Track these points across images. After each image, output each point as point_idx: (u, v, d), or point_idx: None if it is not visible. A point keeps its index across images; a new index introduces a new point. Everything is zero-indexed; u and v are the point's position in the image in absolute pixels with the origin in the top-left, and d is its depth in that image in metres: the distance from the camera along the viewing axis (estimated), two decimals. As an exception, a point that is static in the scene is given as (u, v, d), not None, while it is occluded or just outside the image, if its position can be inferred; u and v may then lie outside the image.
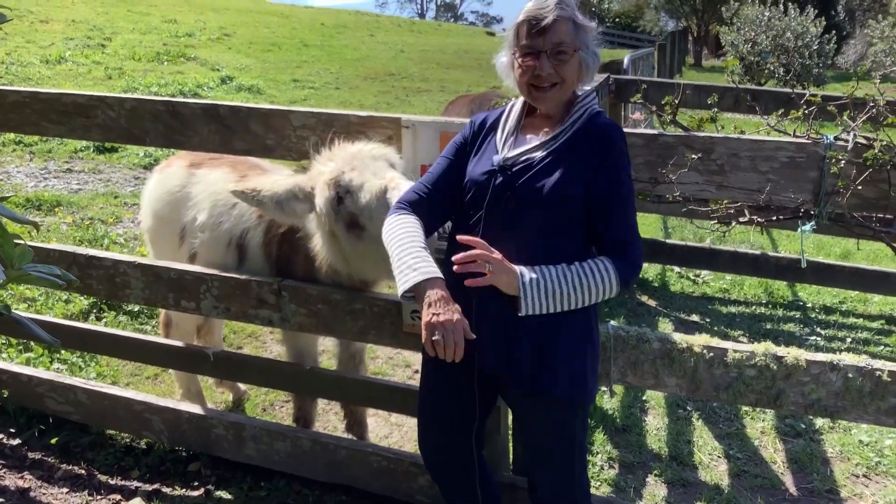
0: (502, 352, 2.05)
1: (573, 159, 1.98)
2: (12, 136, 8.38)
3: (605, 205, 1.99)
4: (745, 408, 3.94)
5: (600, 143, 2.00)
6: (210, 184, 3.22)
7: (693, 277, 6.13)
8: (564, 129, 2.03)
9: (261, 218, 3.02)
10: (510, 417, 2.51)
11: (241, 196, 2.65)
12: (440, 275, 1.96)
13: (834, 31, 20.74)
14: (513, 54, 2.06)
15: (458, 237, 1.99)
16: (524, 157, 2.03)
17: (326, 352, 4.32)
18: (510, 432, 2.85)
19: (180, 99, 2.95)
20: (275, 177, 2.77)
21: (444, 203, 2.16)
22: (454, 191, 2.14)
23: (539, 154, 2.01)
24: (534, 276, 1.93)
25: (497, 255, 1.93)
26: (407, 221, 2.08)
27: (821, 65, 19.07)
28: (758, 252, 5.59)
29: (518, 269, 1.94)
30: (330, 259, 2.70)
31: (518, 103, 2.17)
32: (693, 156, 2.33)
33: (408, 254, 1.98)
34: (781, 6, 19.33)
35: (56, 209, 6.63)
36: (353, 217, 2.47)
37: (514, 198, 2.00)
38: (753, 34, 19.25)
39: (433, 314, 1.88)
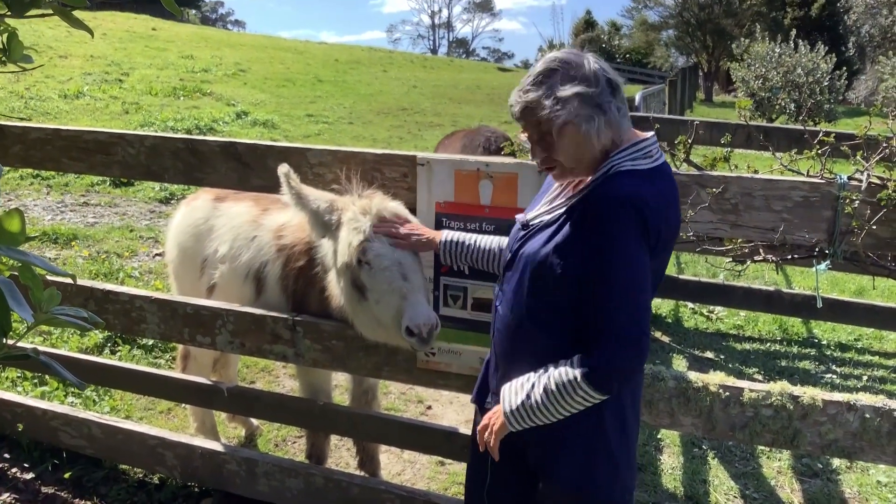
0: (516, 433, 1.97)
1: (566, 229, 1.81)
2: (30, 169, 8.50)
3: (588, 297, 1.77)
4: (761, 447, 3.90)
5: (586, 223, 1.78)
6: (232, 217, 3.26)
7: (707, 313, 6.10)
8: (579, 191, 1.87)
9: (279, 252, 3.05)
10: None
11: (288, 183, 2.57)
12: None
13: (844, 67, 20.83)
14: None
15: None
16: (538, 219, 1.93)
17: (339, 387, 4.32)
18: None
19: (199, 137, 2.99)
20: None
21: None
22: None
23: (549, 217, 1.90)
24: (512, 407, 1.88)
25: (488, 421, 1.98)
26: None
27: (832, 100, 19.13)
28: (772, 288, 5.57)
29: (502, 407, 1.92)
30: (338, 296, 2.73)
31: None
32: (708, 192, 2.34)
33: None
34: (792, 42, 19.46)
35: (72, 242, 6.69)
36: (363, 285, 2.48)
37: (519, 259, 1.92)
38: (764, 70, 19.38)
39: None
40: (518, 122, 1.87)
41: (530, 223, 1.96)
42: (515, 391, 1.88)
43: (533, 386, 1.84)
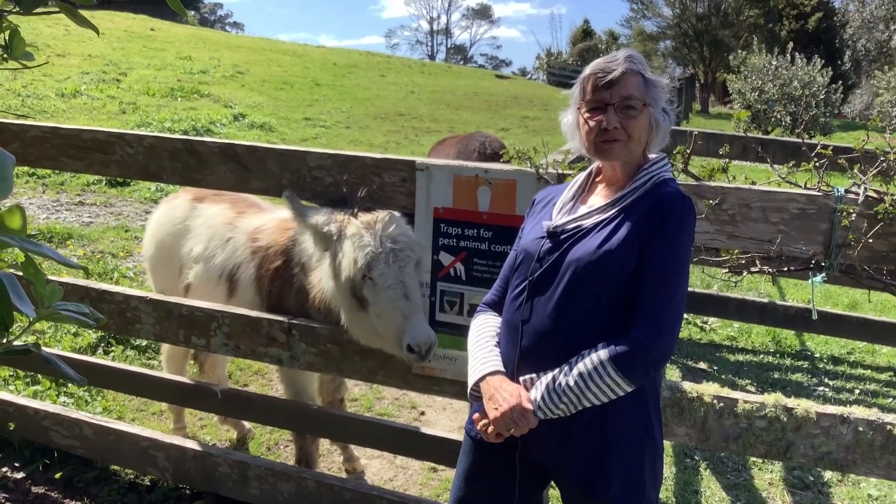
0: (554, 444, 1.93)
1: (625, 228, 1.84)
2: (26, 167, 8.47)
3: (641, 277, 1.82)
4: (753, 458, 3.90)
5: (657, 214, 1.83)
6: (208, 217, 3.35)
7: (700, 324, 6.12)
8: (624, 196, 1.90)
9: (254, 254, 3.12)
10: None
11: (291, 202, 2.66)
12: (493, 368, 1.96)
13: (840, 81, 20.94)
14: (578, 110, 1.95)
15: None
16: (575, 224, 1.93)
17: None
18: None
19: (198, 137, 3.00)
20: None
21: None
22: None
23: (591, 221, 1.90)
24: (537, 394, 1.86)
25: (503, 406, 1.86)
26: (482, 323, 2.10)
27: (827, 114, 19.21)
28: (766, 300, 5.58)
29: (528, 396, 1.87)
30: (321, 300, 2.80)
31: (582, 175, 2.09)
32: (706, 203, 2.34)
33: (472, 357, 2.04)
34: (788, 55, 19.56)
35: (67, 241, 6.67)
36: (364, 299, 2.55)
37: (557, 264, 1.90)
38: (760, 82, 19.46)
39: (493, 409, 1.89)
40: (596, 90, 1.89)
41: (564, 230, 1.93)
42: (542, 381, 1.87)
43: (561, 371, 1.84)
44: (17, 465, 3.47)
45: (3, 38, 1.63)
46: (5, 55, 1.67)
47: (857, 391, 4.96)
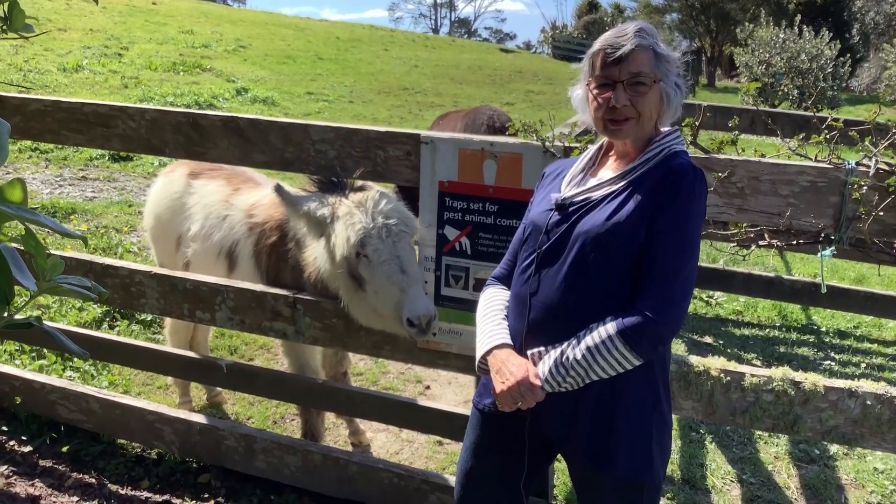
0: (562, 417, 1.93)
1: (634, 200, 1.81)
2: (29, 142, 8.45)
3: (650, 250, 1.79)
4: (758, 432, 3.91)
5: (667, 186, 1.80)
6: (204, 196, 3.36)
7: (706, 298, 6.10)
8: (634, 168, 1.87)
9: (250, 231, 3.13)
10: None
11: (280, 194, 2.65)
12: (500, 341, 1.96)
13: (848, 54, 20.72)
14: (587, 86, 1.92)
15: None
16: (583, 197, 1.90)
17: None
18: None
19: (200, 111, 2.97)
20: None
21: None
22: None
23: (600, 193, 1.88)
24: (545, 368, 1.85)
25: (510, 380, 1.86)
26: (491, 296, 2.09)
27: (835, 87, 19.02)
28: (772, 274, 5.56)
29: (536, 371, 1.87)
30: (314, 274, 2.82)
31: (593, 147, 2.06)
32: (715, 176, 2.31)
33: (480, 331, 2.03)
34: (796, 28, 19.34)
35: (71, 216, 6.66)
36: (361, 277, 2.55)
37: (565, 236, 1.87)
38: (768, 56, 19.25)
39: (500, 382, 1.88)
40: (605, 66, 1.84)
41: (573, 202, 1.91)
42: (549, 355, 1.87)
43: (569, 345, 1.83)
44: (24, 438, 3.49)
45: (2, 9, 1.60)
46: (4, 27, 1.65)
47: (863, 365, 4.95)
